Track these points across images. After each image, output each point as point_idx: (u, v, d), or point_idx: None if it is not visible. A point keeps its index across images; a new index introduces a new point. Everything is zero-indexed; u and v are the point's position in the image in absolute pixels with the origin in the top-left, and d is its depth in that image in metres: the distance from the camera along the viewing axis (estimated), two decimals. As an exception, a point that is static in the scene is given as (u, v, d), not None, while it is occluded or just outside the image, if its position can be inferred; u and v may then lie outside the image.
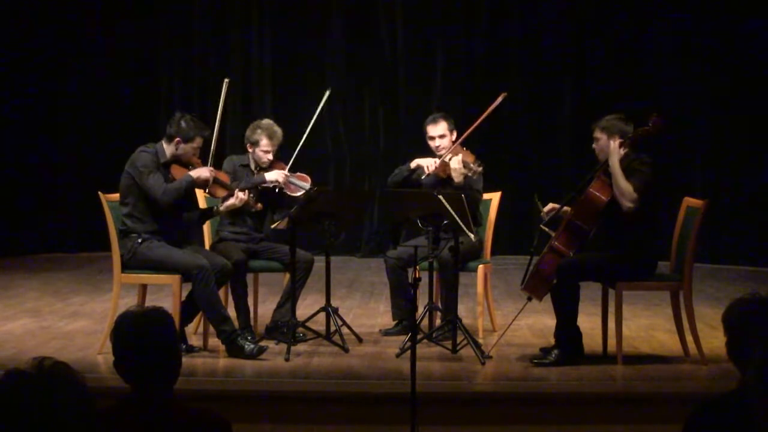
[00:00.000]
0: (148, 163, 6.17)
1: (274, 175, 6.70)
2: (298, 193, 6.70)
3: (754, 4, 10.24)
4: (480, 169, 6.61)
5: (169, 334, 2.80)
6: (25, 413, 2.08)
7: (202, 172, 6.23)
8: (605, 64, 10.66)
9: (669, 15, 10.54)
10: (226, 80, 6.37)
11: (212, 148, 6.39)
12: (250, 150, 6.81)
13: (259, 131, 6.77)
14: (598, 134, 6.04)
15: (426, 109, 10.48)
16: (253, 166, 6.80)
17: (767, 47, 10.16)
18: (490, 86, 10.97)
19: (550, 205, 6.23)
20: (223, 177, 6.56)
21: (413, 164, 6.85)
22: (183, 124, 6.24)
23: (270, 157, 6.77)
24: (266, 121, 6.90)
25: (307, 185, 6.76)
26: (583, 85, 10.78)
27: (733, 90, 10.34)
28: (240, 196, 6.40)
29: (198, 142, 6.27)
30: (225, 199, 6.42)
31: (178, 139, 6.23)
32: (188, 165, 6.33)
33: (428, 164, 6.76)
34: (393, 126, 11.06)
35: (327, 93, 6.95)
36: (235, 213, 6.66)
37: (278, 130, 6.82)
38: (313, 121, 6.94)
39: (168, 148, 6.27)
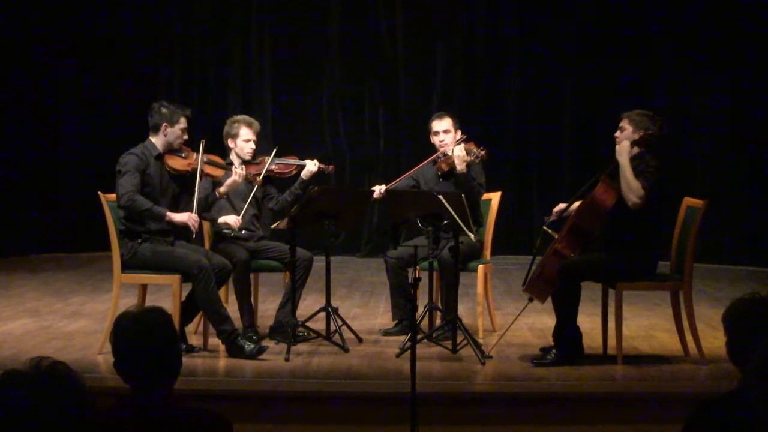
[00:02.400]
0: (128, 162, 6.17)
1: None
2: (296, 170, 6.77)
3: (754, 3, 10.24)
4: (483, 152, 6.65)
5: (168, 334, 2.79)
6: (22, 414, 2.08)
7: (182, 218, 6.16)
8: (606, 63, 10.65)
9: (670, 14, 10.55)
10: (203, 141, 6.37)
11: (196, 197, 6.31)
12: (231, 145, 6.82)
13: (236, 123, 6.83)
14: (625, 124, 6.05)
15: (426, 109, 10.51)
16: (237, 162, 6.78)
17: (767, 46, 10.17)
18: (490, 86, 11.03)
19: (559, 206, 6.24)
20: (216, 159, 6.56)
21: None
22: (164, 110, 6.30)
23: (252, 146, 6.79)
24: (241, 116, 6.98)
25: (304, 160, 6.79)
26: (584, 85, 10.78)
27: (733, 90, 10.34)
28: (239, 172, 6.44)
29: (183, 122, 6.31)
30: (224, 179, 6.46)
31: (165, 124, 6.26)
32: (180, 153, 6.33)
33: (376, 187, 6.84)
34: (393, 126, 11.07)
35: (275, 150, 6.86)
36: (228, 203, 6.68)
37: (255, 121, 6.89)
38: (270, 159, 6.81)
39: (157, 140, 6.29)
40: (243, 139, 6.78)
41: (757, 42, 10.20)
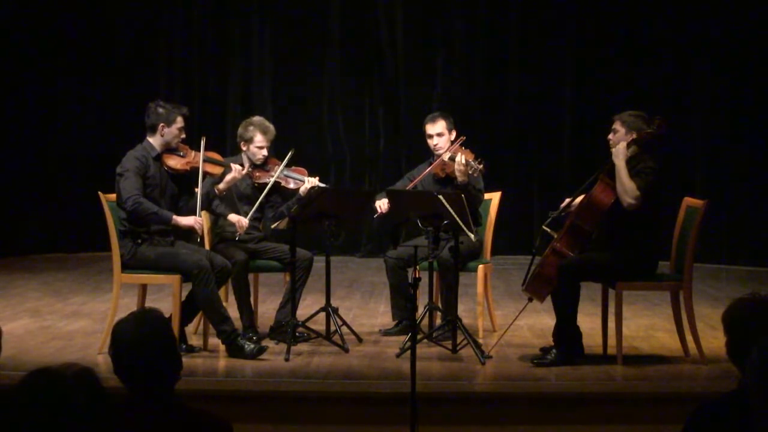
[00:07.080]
0: (129, 165, 6.17)
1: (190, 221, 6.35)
2: (297, 186, 6.70)
3: (754, 2, 10.24)
4: (481, 166, 6.61)
5: (166, 343, 2.78)
6: (45, 412, 2.08)
7: (188, 221, 6.16)
8: (606, 64, 10.65)
9: (669, 14, 10.55)
10: (203, 137, 6.35)
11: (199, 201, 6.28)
12: (244, 148, 6.80)
13: (251, 128, 6.78)
14: (617, 126, 6.06)
15: (426, 109, 10.48)
16: (247, 165, 6.77)
17: (767, 45, 10.17)
18: (491, 86, 11.02)
19: (566, 201, 6.24)
20: (216, 156, 6.55)
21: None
22: (160, 110, 6.29)
23: (265, 153, 6.77)
24: (257, 118, 6.91)
25: (305, 177, 6.74)
26: (584, 85, 10.77)
27: (733, 89, 10.34)
28: (238, 168, 6.44)
29: (180, 121, 6.29)
30: (223, 175, 6.45)
31: (162, 125, 6.26)
32: (179, 152, 6.33)
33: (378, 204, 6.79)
34: (393, 126, 11.06)
35: (290, 152, 6.81)
36: (232, 204, 6.66)
37: (270, 126, 6.84)
38: (276, 174, 6.71)
39: (155, 140, 6.29)
40: (256, 146, 6.75)
41: (758, 41, 10.20)
